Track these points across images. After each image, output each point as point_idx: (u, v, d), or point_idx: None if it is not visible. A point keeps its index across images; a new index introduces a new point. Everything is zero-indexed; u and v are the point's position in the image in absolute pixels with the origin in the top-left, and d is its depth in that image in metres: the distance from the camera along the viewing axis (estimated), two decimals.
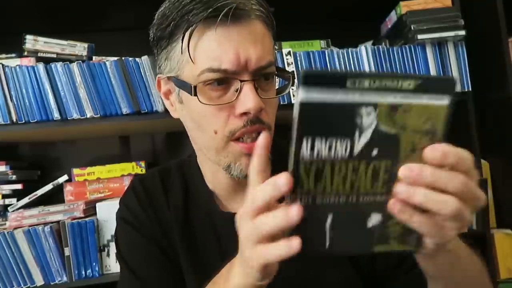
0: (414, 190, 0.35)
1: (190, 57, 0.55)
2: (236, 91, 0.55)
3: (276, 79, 0.63)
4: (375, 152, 0.34)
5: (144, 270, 0.65)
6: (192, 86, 0.56)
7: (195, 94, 0.56)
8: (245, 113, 0.55)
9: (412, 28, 1.19)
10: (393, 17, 1.30)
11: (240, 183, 0.64)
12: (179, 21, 0.55)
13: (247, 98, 0.54)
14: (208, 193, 0.68)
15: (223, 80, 0.55)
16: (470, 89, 1.22)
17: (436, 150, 0.37)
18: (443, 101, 0.34)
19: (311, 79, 0.31)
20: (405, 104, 0.33)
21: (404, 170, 0.35)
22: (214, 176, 0.66)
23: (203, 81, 0.55)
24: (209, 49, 0.54)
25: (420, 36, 1.18)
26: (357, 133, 0.33)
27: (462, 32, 1.19)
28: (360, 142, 0.34)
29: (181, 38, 0.56)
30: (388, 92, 0.33)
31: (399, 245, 0.37)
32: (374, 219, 0.36)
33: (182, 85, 0.58)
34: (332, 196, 0.35)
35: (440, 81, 0.34)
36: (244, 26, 0.55)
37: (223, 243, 0.65)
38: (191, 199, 0.69)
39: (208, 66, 0.54)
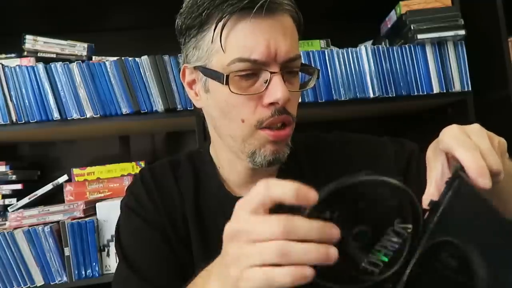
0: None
1: (222, 46, 0.57)
2: (265, 82, 0.57)
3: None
4: None
5: (144, 260, 0.64)
6: (224, 75, 0.57)
7: (227, 83, 0.57)
8: (273, 103, 0.57)
9: (412, 27, 1.19)
10: (393, 16, 1.30)
11: (257, 173, 0.65)
12: (213, 10, 0.56)
13: (277, 89, 0.56)
14: (220, 180, 0.69)
15: (253, 70, 0.57)
16: (470, 89, 1.22)
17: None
18: None
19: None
20: None
21: None
22: (231, 164, 0.67)
23: (234, 71, 0.57)
24: (241, 39, 0.56)
25: (420, 36, 1.18)
26: None
27: (462, 32, 1.19)
28: None
29: (213, 27, 0.57)
30: None
31: None
32: None
33: (211, 74, 0.59)
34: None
35: None
36: (276, 19, 0.57)
37: None
38: (202, 187, 0.69)
39: (239, 55, 0.56)
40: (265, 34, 0.56)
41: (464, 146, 0.41)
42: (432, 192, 0.45)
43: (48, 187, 1.26)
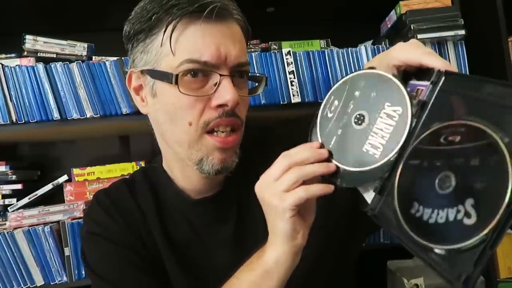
0: None
1: (171, 49, 0.57)
2: (215, 84, 0.57)
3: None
4: None
5: (122, 278, 0.63)
6: (174, 74, 0.57)
7: (176, 83, 0.57)
8: (221, 106, 0.57)
9: (412, 27, 1.19)
10: (392, 16, 1.30)
11: (212, 180, 0.66)
12: (162, 14, 0.57)
13: (226, 91, 0.56)
14: (176, 189, 0.68)
15: (202, 72, 0.57)
16: None
17: None
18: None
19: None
20: None
21: None
22: (183, 173, 0.66)
23: (183, 71, 0.57)
24: (192, 41, 0.56)
25: (420, 36, 1.18)
26: None
27: (462, 32, 1.19)
28: None
29: (162, 30, 0.57)
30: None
31: None
32: None
33: (160, 75, 0.59)
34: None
35: None
36: (226, 25, 0.58)
37: (199, 229, 0.66)
38: (161, 200, 0.69)
39: (189, 57, 0.56)
40: (216, 37, 0.57)
41: (431, 55, 0.46)
42: None
43: (48, 187, 1.26)
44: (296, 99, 1.16)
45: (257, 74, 0.68)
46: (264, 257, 0.52)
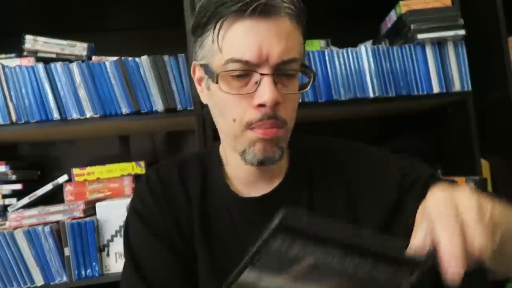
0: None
1: (219, 46, 0.58)
2: (256, 83, 0.58)
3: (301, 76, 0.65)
4: None
5: (148, 265, 0.65)
6: (216, 74, 0.59)
7: (217, 82, 0.59)
8: (262, 105, 0.57)
9: (412, 27, 1.19)
10: (392, 16, 1.30)
11: (262, 171, 0.66)
12: (214, 12, 0.58)
13: (264, 91, 0.56)
14: (227, 182, 0.69)
15: (245, 71, 0.58)
16: (470, 88, 1.22)
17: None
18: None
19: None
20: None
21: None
22: (237, 163, 0.67)
23: (226, 70, 0.58)
24: (235, 40, 0.57)
25: (420, 36, 1.18)
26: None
27: (462, 32, 1.19)
28: None
29: (213, 28, 0.59)
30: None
31: None
32: None
33: (209, 72, 0.61)
34: None
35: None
36: (272, 22, 0.57)
37: (240, 228, 0.67)
38: (209, 188, 0.70)
39: (232, 56, 0.57)
40: (258, 36, 0.56)
41: (444, 222, 0.37)
42: None
43: (48, 187, 1.26)
44: None
45: (309, 69, 0.63)
46: None
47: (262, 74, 0.57)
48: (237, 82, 0.59)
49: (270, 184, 0.68)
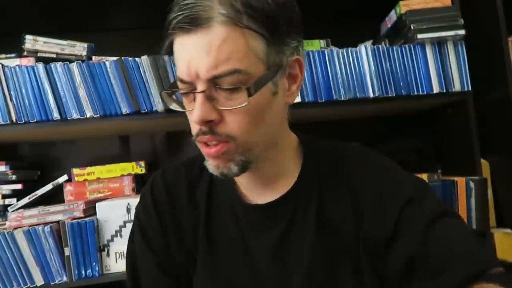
0: None
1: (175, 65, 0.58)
2: (195, 100, 0.55)
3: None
4: None
5: (143, 276, 0.68)
6: (164, 92, 0.59)
7: (163, 100, 0.60)
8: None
9: (412, 27, 1.19)
10: (392, 16, 1.30)
11: (257, 178, 0.66)
12: (166, 30, 0.57)
13: (195, 110, 0.54)
14: (232, 184, 0.68)
15: (186, 89, 0.56)
16: (470, 88, 1.22)
17: None
18: None
19: None
20: None
21: None
22: None
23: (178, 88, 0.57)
24: (176, 57, 0.56)
25: (419, 36, 1.18)
26: None
27: (462, 32, 1.19)
28: None
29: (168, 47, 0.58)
30: None
31: None
32: None
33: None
34: None
35: None
36: (199, 34, 0.52)
37: (245, 233, 0.66)
38: (215, 192, 0.69)
39: (177, 74, 0.56)
40: (186, 52, 0.54)
41: None
42: None
43: (48, 187, 1.26)
44: (296, 99, 1.16)
45: (233, 87, 0.54)
46: None
47: (194, 92, 0.54)
48: (186, 99, 0.58)
49: (277, 190, 0.66)
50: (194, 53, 0.53)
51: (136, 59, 1.14)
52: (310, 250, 0.61)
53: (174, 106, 0.60)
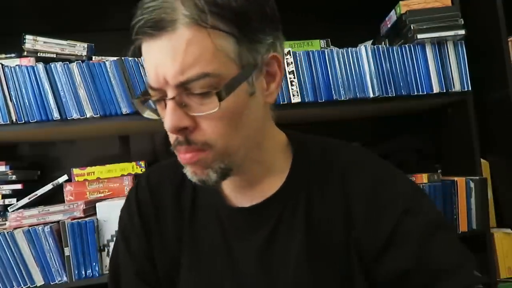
0: None
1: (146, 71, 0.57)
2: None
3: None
4: None
5: (122, 283, 0.68)
6: (141, 99, 0.57)
7: (137, 108, 0.59)
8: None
9: (412, 27, 1.19)
10: (392, 16, 1.30)
11: (241, 180, 0.63)
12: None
13: (166, 117, 0.52)
14: (219, 190, 0.67)
15: (156, 96, 0.54)
16: (470, 88, 1.22)
17: None
18: None
19: None
20: None
21: None
22: None
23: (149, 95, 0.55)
24: (144, 64, 0.55)
25: (419, 36, 1.18)
26: None
27: (462, 32, 1.19)
28: None
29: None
30: None
31: None
32: None
33: None
34: None
35: None
36: (163, 38, 0.49)
37: (229, 236, 0.65)
38: (200, 195, 0.68)
39: (147, 81, 0.54)
40: (153, 58, 0.51)
41: None
42: None
43: (48, 187, 1.26)
44: (296, 99, 1.16)
45: (203, 92, 0.51)
46: None
47: (165, 99, 0.52)
48: (159, 106, 0.55)
49: (264, 191, 0.64)
50: (160, 59, 0.50)
51: (136, 59, 1.14)
52: (297, 252, 0.60)
53: (148, 114, 0.57)
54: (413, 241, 0.57)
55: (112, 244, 1.14)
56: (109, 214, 1.15)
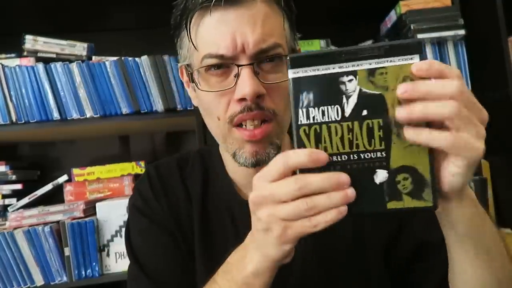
0: (413, 106, 0.35)
1: (193, 44, 0.56)
2: (235, 76, 0.54)
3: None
4: (365, 112, 0.38)
5: (153, 261, 0.64)
6: (192, 71, 0.57)
7: (193, 81, 0.57)
8: (243, 99, 0.54)
9: (412, 27, 1.19)
10: (392, 16, 1.30)
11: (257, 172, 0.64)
12: (183, 8, 0.56)
13: (243, 84, 0.52)
14: (228, 181, 0.67)
15: (222, 65, 0.55)
16: (470, 88, 1.23)
17: (420, 64, 0.36)
18: (414, 60, 0.37)
19: (296, 61, 0.39)
20: (380, 67, 0.38)
21: (399, 89, 0.36)
22: (233, 164, 0.64)
23: (203, 67, 0.55)
24: (207, 34, 0.55)
25: (419, 36, 1.18)
26: (344, 98, 0.38)
27: (462, 32, 1.19)
28: (349, 105, 0.38)
29: (184, 25, 0.56)
30: (363, 60, 0.38)
31: (413, 201, 0.38)
32: (380, 175, 0.38)
33: (189, 72, 0.59)
34: (335, 155, 0.39)
35: (407, 45, 0.38)
36: (242, 8, 0.53)
37: (241, 230, 0.63)
38: (211, 187, 0.68)
39: (207, 52, 0.54)
40: (229, 26, 0.52)
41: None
42: None
43: (48, 187, 1.26)
44: None
45: (282, 55, 0.56)
46: (245, 271, 0.47)
47: (240, 66, 0.53)
48: (216, 78, 0.55)
49: None
50: (239, 26, 0.52)
51: (136, 59, 1.14)
52: (308, 248, 0.60)
53: (209, 86, 0.56)
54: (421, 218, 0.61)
55: (112, 244, 1.14)
56: (109, 214, 1.15)
